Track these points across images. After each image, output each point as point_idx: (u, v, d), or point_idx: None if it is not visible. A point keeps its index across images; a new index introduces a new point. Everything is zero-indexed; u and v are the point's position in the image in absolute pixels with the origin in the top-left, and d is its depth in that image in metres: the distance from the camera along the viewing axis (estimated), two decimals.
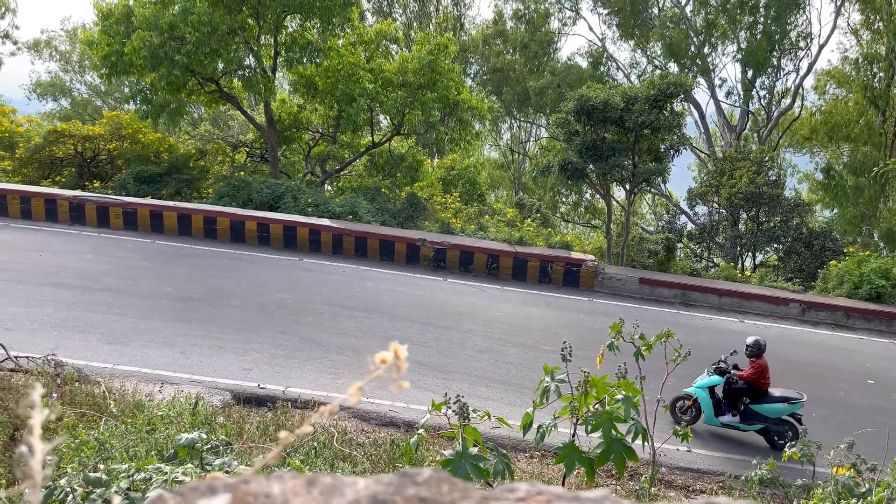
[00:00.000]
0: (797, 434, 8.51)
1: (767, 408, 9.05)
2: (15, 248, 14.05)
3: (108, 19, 17.31)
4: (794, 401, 9.01)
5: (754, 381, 9.07)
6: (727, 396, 9.18)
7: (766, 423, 9.11)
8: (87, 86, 44.36)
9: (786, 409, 9.02)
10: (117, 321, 10.68)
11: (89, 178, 19.99)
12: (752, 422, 9.14)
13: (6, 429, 5.92)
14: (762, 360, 9.10)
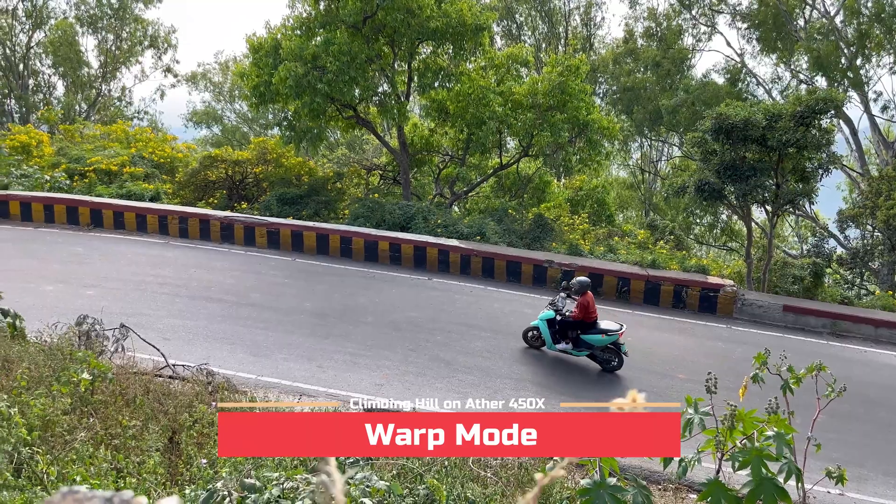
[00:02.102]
0: (622, 361, 10.81)
1: (592, 338, 10.73)
2: (174, 265, 15.31)
3: (258, 52, 18.66)
4: (611, 332, 10.66)
5: (581, 317, 10.70)
6: (560, 328, 10.94)
7: (593, 350, 10.85)
8: (235, 114, 47.79)
9: (606, 340, 10.68)
10: (261, 335, 11.35)
11: (238, 200, 21.49)
12: (582, 349, 10.89)
13: (166, 431, 6.42)
14: (585, 298, 10.71)
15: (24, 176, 20.34)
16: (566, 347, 10.99)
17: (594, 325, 10.80)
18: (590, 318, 10.77)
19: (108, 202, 18.50)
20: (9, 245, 15.94)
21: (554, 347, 11.06)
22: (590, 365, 11.22)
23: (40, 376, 6.91)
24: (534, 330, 11.42)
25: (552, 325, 11.04)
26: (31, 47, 39.02)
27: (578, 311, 10.71)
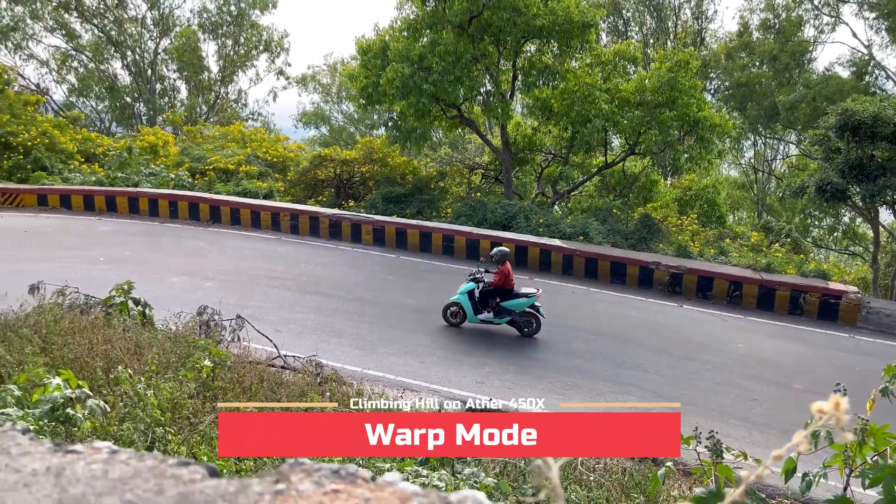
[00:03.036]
0: (539, 324, 11.32)
1: (513, 303, 11.11)
2: (285, 259, 16.00)
3: (367, 54, 19.18)
4: (530, 295, 11.11)
5: (501, 284, 11.09)
6: (482, 298, 11.27)
7: (513, 316, 11.23)
8: (342, 114, 49.26)
9: (525, 303, 11.11)
10: (365, 329, 11.67)
11: (345, 198, 22.19)
12: (503, 316, 11.24)
13: None
14: (505, 267, 11.16)
15: (152, 174, 21.84)
16: (487, 317, 11.35)
17: (513, 292, 11.25)
18: (509, 286, 11.27)
19: (226, 199, 19.57)
20: (139, 239, 17.16)
21: (475, 319, 11.41)
22: (711, 376, 10.84)
23: (168, 362, 7.40)
24: (453, 306, 11.63)
25: (472, 297, 11.43)
26: (158, 54, 41.80)
27: (499, 276, 11.19)
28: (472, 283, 11.46)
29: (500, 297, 11.25)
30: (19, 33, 38.86)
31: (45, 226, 18.07)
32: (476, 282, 11.45)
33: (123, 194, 20.02)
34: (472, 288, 11.45)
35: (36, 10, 38.43)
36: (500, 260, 11.35)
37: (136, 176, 21.66)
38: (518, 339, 11.65)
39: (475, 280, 11.48)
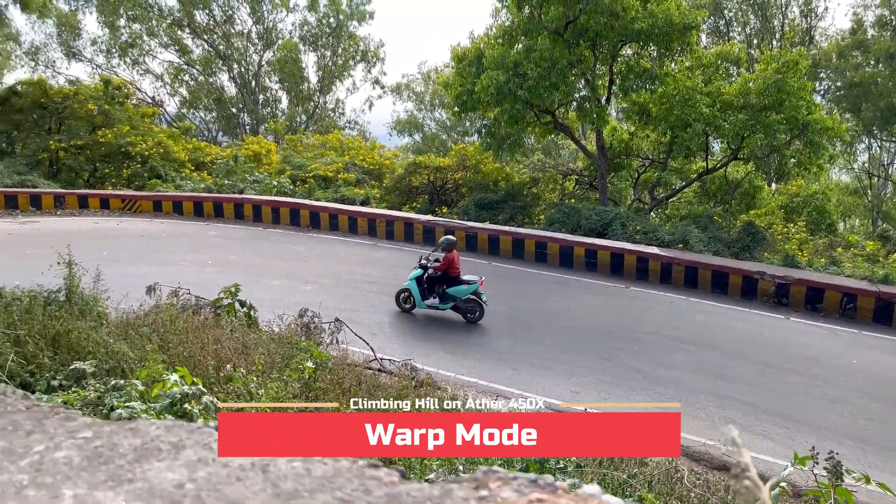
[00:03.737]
0: (483, 311, 11.83)
1: (456, 290, 11.66)
2: (381, 264, 16.34)
3: (462, 62, 19.37)
4: (472, 282, 11.64)
5: (446, 270, 11.64)
6: (429, 284, 11.79)
7: (457, 302, 11.78)
8: (435, 122, 49.84)
9: (468, 290, 11.67)
10: (458, 335, 11.74)
11: (438, 204, 22.45)
12: (448, 301, 11.80)
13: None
14: (451, 254, 11.72)
15: (256, 181, 22.83)
16: (434, 302, 11.95)
17: (458, 279, 11.82)
18: (454, 272, 11.82)
19: (325, 205, 20.21)
20: (243, 243, 17.98)
21: (423, 304, 12.00)
22: (821, 392, 10.29)
23: (272, 362, 7.71)
24: (405, 291, 12.23)
25: (421, 283, 11.95)
26: (262, 66, 43.70)
27: (443, 263, 11.77)
28: (418, 270, 12.07)
29: (446, 284, 11.89)
30: (137, 49, 41.59)
31: (160, 230, 19.22)
32: (423, 268, 12.03)
33: (230, 200, 21.04)
34: (419, 273, 12.04)
35: (152, 28, 41.03)
36: (448, 248, 12.00)
37: (242, 183, 22.71)
38: (612, 349, 11.42)
39: (422, 267, 12.05)
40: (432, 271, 11.98)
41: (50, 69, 39.05)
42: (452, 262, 11.86)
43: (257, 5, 41.66)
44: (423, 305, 12.10)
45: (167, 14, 40.47)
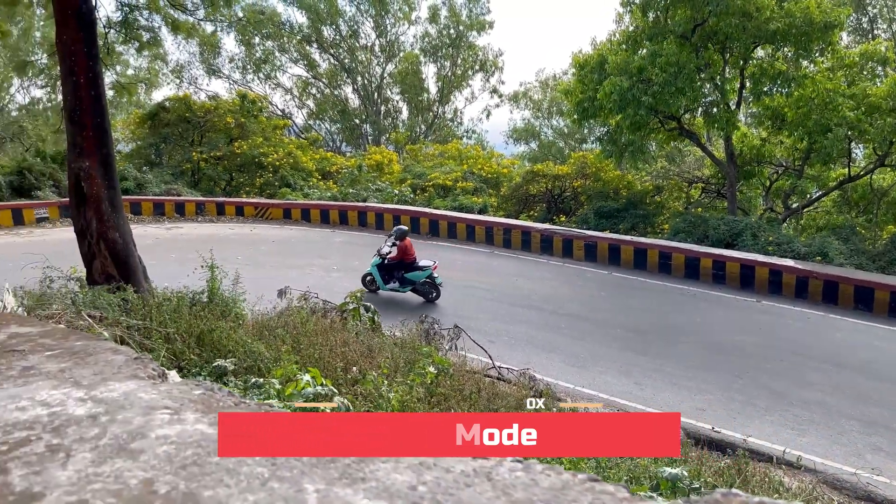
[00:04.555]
0: (439, 292, 12.79)
1: (413, 275, 12.61)
2: (498, 273, 16.39)
3: (584, 69, 19.12)
4: (426, 267, 12.52)
5: (401, 258, 12.55)
6: (387, 270, 12.66)
7: (415, 286, 12.71)
8: (552, 129, 49.44)
9: (423, 274, 12.59)
10: (577, 345, 11.55)
11: (556, 213, 22.25)
12: (407, 285, 12.74)
13: None
14: (404, 243, 12.59)
15: (379, 190, 23.55)
16: (394, 286, 12.92)
17: (413, 265, 12.76)
18: (409, 259, 12.76)
19: (444, 214, 20.52)
20: (366, 249, 18.43)
21: (385, 288, 12.95)
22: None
23: (396, 366, 7.91)
24: (368, 275, 13.20)
25: (381, 269, 12.88)
26: (384, 78, 45.08)
27: (398, 253, 12.71)
28: (377, 258, 13.03)
29: (404, 270, 12.83)
30: (269, 65, 44.11)
31: (289, 236, 20.23)
32: (381, 257, 12.95)
33: (354, 208, 21.83)
34: (378, 262, 12.98)
35: (283, 44, 43.38)
36: (400, 237, 12.92)
37: (365, 192, 23.50)
38: (743, 366, 10.86)
39: (381, 255, 12.98)
40: (390, 260, 12.92)
41: (192, 86, 42.16)
42: (406, 249, 12.86)
43: (381, 19, 43.08)
44: (385, 289, 13.05)
45: (297, 31, 42.66)
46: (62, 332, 1.96)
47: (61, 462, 0.92)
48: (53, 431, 1.06)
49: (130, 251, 9.68)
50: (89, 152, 9.04)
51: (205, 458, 0.89)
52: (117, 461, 0.93)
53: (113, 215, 9.33)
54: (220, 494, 0.73)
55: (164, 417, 1.11)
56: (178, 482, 0.81)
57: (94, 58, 8.99)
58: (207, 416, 1.09)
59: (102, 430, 1.06)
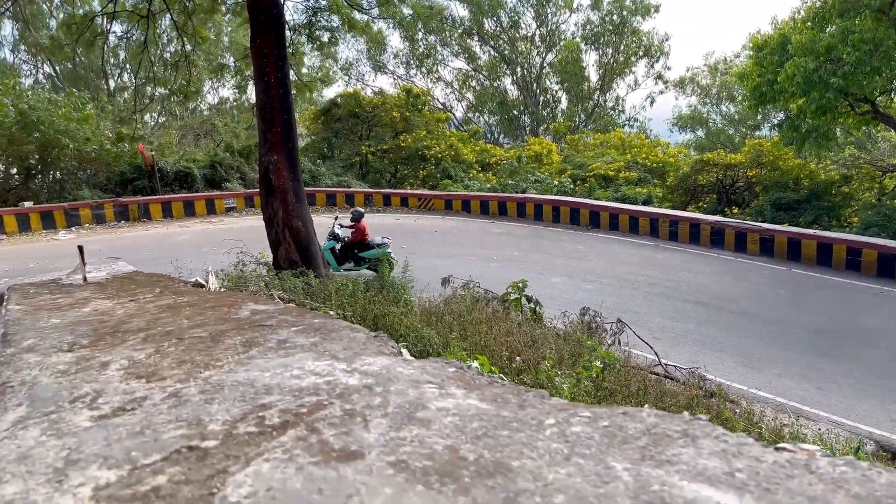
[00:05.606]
0: (393, 266, 12.33)
1: (370, 253, 13.12)
2: (663, 266, 15.79)
3: (762, 50, 17.83)
4: (383, 245, 13.10)
5: (360, 239, 13.15)
6: (342, 251, 13.16)
7: (371, 264, 13.07)
8: (721, 116, 46.66)
9: (380, 252, 12.93)
10: (751, 345, 10.87)
11: (727, 205, 21.01)
12: (362, 264, 13.16)
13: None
14: (361, 224, 13.18)
15: (538, 181, 23.49)
16: (349, 266, 13.03)
17: (369, 244, 13.00)
18: (365, 239, 13.05)
19: (605, 205, 20.08)
20: (525, 240, 18.62)
21: (339, 269, 12.79)
22: None
23: (561, 358, 7.89)
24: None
25: (334, 252, 12.94)
26: (543, 68, 44.77)
27: (358, 233, 12.94)
28: (332, 242, 12.97)
29: (359, 249, 13.01)
30: (431, 59, 45.30)
31: (450, 227, 20.74)
32: (336, 240, 13.02)
33: (513, 200, 21.94)
34: (332, 245, 12.99)
35: (445, 38, 44.34)
36: (358, 219, 13.08)
37: (524, 183, 23.53)
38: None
39: (335, 238, 13.02)
40: (348, 241, 13.14)
41: (360, 82, 44.29)
42: (364, 230, 13.14)
43: (542, 9, 42.77)
44: (339, 270, 12.94)
45: (459, 24, 43.45)
46: (297, 311, 2.17)
47: (362, 426, 1.03)
48: (340, 398, 1.19)
49: (312, 238, 10.42)
50: (277, 147, 9.81)
51: (493, 430, 0.96)
52: (413, 428, 1.02)
53: (297, 205, 10.07)
54: (529, 465, 0.78)
55: (433, 391, 1.20)
56: (482, 451, 0.88)
57: (282, 59, 9.73)
58: (472, 392, 1.17)
59: (384, 399, 1.17)
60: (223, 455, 0.95)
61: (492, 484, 0.74)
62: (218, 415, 1.14)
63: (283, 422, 1.08)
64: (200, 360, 1.54)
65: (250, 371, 1.42)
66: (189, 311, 2.22)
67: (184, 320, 2.06)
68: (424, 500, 0.73)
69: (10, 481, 0.92)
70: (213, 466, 0.91)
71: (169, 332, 1.91)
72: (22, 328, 2.32)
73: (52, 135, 21.59)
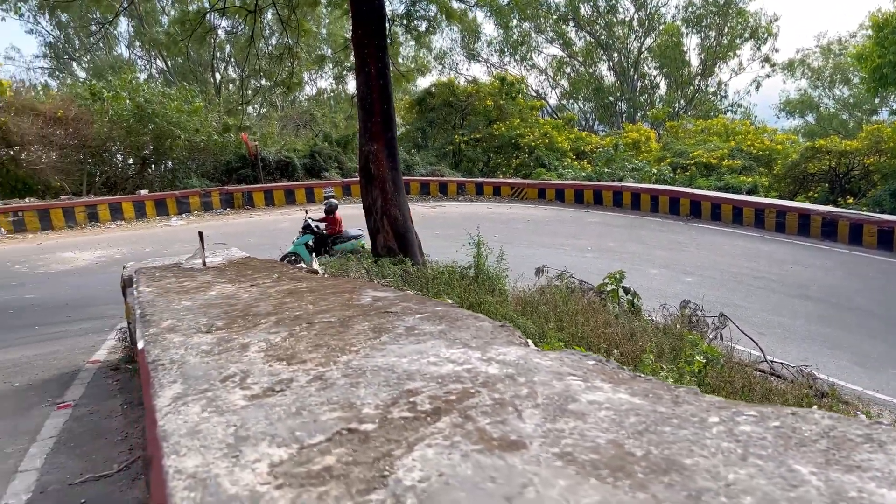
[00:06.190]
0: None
1: (344, 245, 12.76)
2: (769, 259, 15.08)
3: (884, 29, 16.62)
4: (358, 236, 12.83)
5: (339, 229, 12.97)
6: (316, 245, 12.77)
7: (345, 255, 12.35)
8: (834, 100, 43.94)
9: (356, 244, 12.74)
10: (867, 344, 10.23)
11: (841, 194, 19.79)
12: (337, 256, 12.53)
13: None
14: (335, 216, 12.91)
15: (635, 169, 22.89)
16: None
17: (343, 235, 12.79)
18: (340, 231, 12.86)
19: (707, 194, 19.33)
20: (621, 231, 18.21)
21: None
22: None
23: (661, 352, 7.68)
24: (292, 255, 12.55)
25: (308, 247, 12.50)
26: (641, 53, 43.45)
27: (335, 224, 12.74)
28: (307, 236, 12.63)
29: (333, 242, 12.72)
30: (525, 46, 44.85)
31: (543, 216, 20.54)
32: (312, 233, 12.67)
33: (609, 188, 21.48)
34: (308, 240, 12.60)
35: (540, 25, 43.77)
36: (331, 211, 12.81)
37: (621, 171, 22.99)
38: None
39: (311, 232, 12.68)
40: (325, 233, 12.88)
41: (453, 71, 44.42)
42: (336, 223, 12.89)
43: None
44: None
45: (554, 10, 42.77)
46: (417, 298, 2.21)
47: (516, 416, 1.05)
48: (485, 387, 1.21)
49: (409, 227, 10.58)
50: (377, 136, 10.00)
51: (654, 426, 0.95)
52: (568, 420, 1.03)
53: (395, 194, 10.24)
54: (703, 464, 0.77)
55: (578, 384, 1.20)
56: (648, 447, 0.88)
57: (382, 49, 9.88)
58: (620, 386, 1.16)
59: (531, 390, 1.18)
60: (384, 439, 0.98)
61: (668, 481, 0.73)
62: (367, 399, 1.18)
63: (434, 408, 1.10)
64: (335, 345, 1.60)
65: (387, 357, 1.46)
66: (311, 296, 2.31)
67: (308, 305, 2.15)
68: (601, 493, 0.73)
69: (189, 455, 0.99)
70: (377, 449, 0.95)
71: (298, 317, 2.00)
72: (157, 309, 2.48)
73: (166, 126, 22.86)
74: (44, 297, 11.66)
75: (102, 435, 4.51)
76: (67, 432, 4.65)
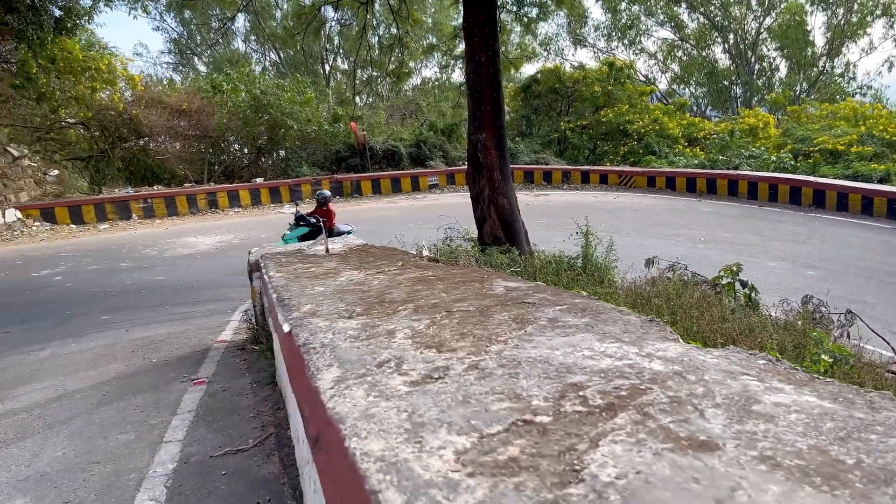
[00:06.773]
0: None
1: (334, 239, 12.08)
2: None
3: None
4: (347, 232, 12.29)
5: (334, 222, 12.71)
6: (308, 238, 12.00)
7: None
8: None
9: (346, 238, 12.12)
10: None
11: None
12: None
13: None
14: (328, 208, 12.60)
15: (752, 157, 21.76)
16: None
17: (333, 230, 12.35)
18: (332, 226, 12.54)
19: (833, 183, 18.14)
20: (736, 221, 17.40)
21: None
22: None
23: (782, 349, 7.29)
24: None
25: (303, 239, 11.97)
26: (760, 33, 41.14)
27: (330, 216, 12.47)
28: (302, 228, 12.34)
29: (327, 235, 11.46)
30: (634, 30, 43.49)
31: (653, 205, 19.93)
32: (307, 225, 12.37)
33: (723, 177, 20.54)
34: (302, 232, 12.24)
35: (650, 7, 42.29)
36: (324, 203, 12.54)
37: (737, 158, 21.93)
38: None
39: (306, 224, 12.43)
40: (322, 226, 12.56)
41: (558, 57, 43.71)
42: (329, 215, 12.70)
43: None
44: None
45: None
46: (551, 289, 2.20)
47: (698, 415, 1.03)
48: (654, 383, 1.19)
49: (515, 216, 10.54)
50: (486, 125, 10.00)
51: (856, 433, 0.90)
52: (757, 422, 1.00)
53: (503, 183, 10.23)
54: None
55: (756, 384, 1.17)
56: (857, 455, 0.84)
57: (493, 37, 9.85)
58: (802, 387, 1.11)
59: (706, 389, 1.16)
60: (563, 432, 0.99)
61: (893, 493, 0.69)
62: (533, 390, 1.18)
63: (607, 403, 1.09)
64: (480, 334, 1.62)
65: (538, 348, 1.46)
66: (441, 284, 2.34)
67: (442, 293, 2.18)
68: (820, 502, 0.70)
69: (371, 438, 1.03)
70: (560, 443, 0.95)
71: (435, 305, 2.03)
72: (294, 294, 2.60)
73: (279, 117, 23.83)
74: (172, 279, 12.48)
75: (236, 411, 4.79)
76: (204, 407, 4.97)
